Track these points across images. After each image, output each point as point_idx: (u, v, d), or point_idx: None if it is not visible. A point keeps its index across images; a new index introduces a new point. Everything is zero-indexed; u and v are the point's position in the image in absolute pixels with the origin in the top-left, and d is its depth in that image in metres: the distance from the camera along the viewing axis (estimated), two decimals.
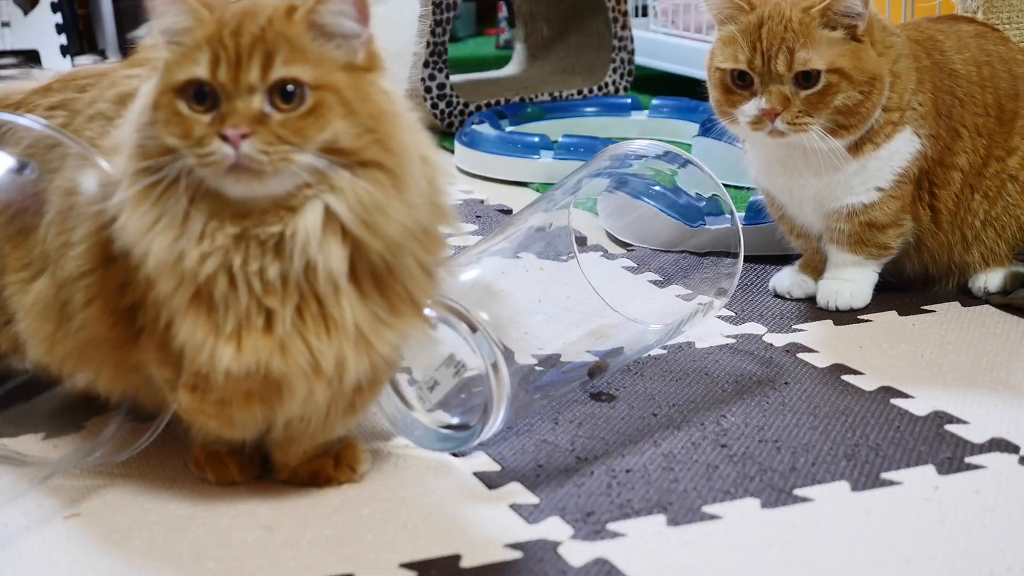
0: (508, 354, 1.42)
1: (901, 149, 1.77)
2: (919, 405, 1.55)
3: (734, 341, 1.76)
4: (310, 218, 1.17)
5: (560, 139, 2.61)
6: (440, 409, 1.47)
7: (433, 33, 2.87)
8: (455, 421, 1.48)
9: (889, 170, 1.77)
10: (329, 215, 1.18)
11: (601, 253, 2.10)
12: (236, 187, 1.16)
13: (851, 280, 1.84)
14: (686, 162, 1.71)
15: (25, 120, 1.34)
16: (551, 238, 1.63)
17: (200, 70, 1.15)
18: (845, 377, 1.64)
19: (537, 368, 1.50)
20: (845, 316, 1.83)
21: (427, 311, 1.42)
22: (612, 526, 1.30)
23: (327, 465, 1.38)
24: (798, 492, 1.35)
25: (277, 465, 1.39)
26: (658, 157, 1.72)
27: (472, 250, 1.57)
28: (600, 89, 3.14)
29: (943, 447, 1.45)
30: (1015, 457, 1.42)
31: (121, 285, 1.27)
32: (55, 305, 1.32)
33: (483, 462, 1.44)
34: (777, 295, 1.90)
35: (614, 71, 3.15)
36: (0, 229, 1.38)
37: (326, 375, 1.23)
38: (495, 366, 1.40)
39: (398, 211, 1.19)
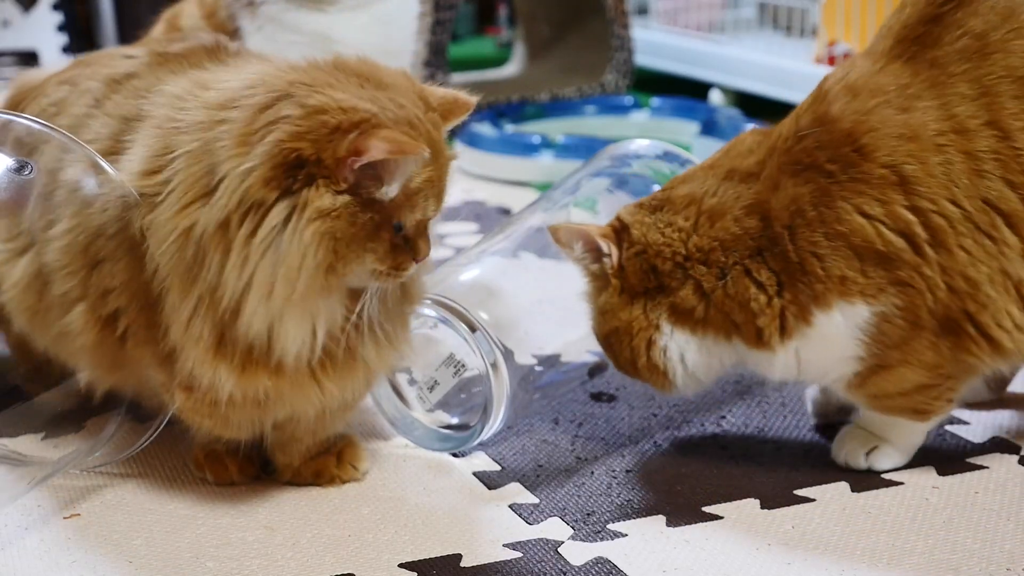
0: (508, 354, 1.42)
1: None
2: None
3: None
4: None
5: (560, 139, 2.61)
6: (440, 409, 1.47)
7: (433, 32, 2.87)
8: (455, 421, 1.48)
9: None
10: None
11: None
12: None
13: None
14: (686, 162, 1.71)
15: (25, 120, 1.34)
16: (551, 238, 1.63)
17: (430, 212, 1.26)
18: None
19: (537, 368, 1.50)
20: None
21: (427, 311, 1.42)
22: (612, 526, 1.30)
23: (330, 463, 1.39)
24: (798, 492, 1.35)
25: (280, 467, 1.39)
26: (658, 157, 1.72)
27: (472, 250, 1.57)
28: (600, 89, 3.14)
29: (943, 447, 1.45)
30: (1015, 457, 1.42)
31: (105, 292, 1.28)
32: (36, 283, 1.35)
33: (483, 462, 1.44)
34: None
35: (614, 71, 3.15)
36: None
37: (328, 398, 1.30)
38: (495, 366, 1.40)
39: None
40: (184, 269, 1.22)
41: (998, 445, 1.45)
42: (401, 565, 1.24)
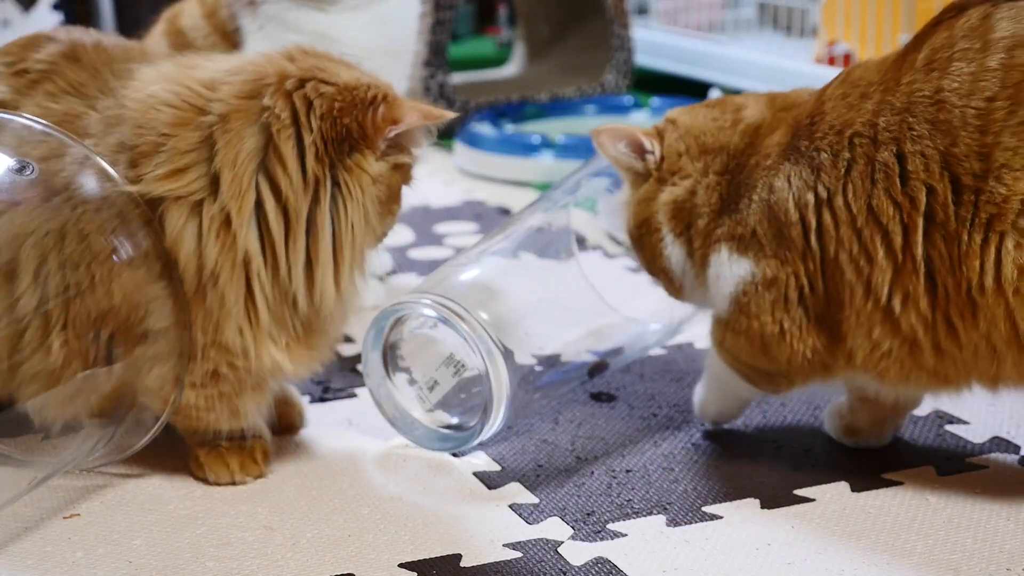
0: (508, 354, 1.42)
1: None
2: (920, 405, 1.55)
3: None
4: None
5: (560, 139, 2.61)
6: (440, 409, 1.47)
7: (433, 32, 2.87)
8: (455, 421, 1.48)
9: None
10: None
11: (601, 253, 2.10)
12: None
13: None
14: None
15: (24, 119, 1.34)
16: (551, 238, 1.63)
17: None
18: None
19: (537, 368, 1.50)
20: None
21: (427, 311, 1.42)
22: (612, 526, 1.30)
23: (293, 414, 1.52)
24: (798, 492, 1.35)
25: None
26: None
27: (472, 250, 1.57)
28: (600, 88, 3.14)
29: (943, 447, 1.45)
30: (1015, 457, 1.42)
31: (98, 315, 1.30)
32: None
33: (483, 462, 1.44)
34: None
35: (614, 71, 3.15)
36: None
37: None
38: (495, 366, 1.40)
39: None
40: (235, 260, 1.29)
41: (998, 445, 1.45)
42: (401, 565, 1.24)
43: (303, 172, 1.29)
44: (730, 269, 1.33)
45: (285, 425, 1.50)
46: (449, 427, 1.47)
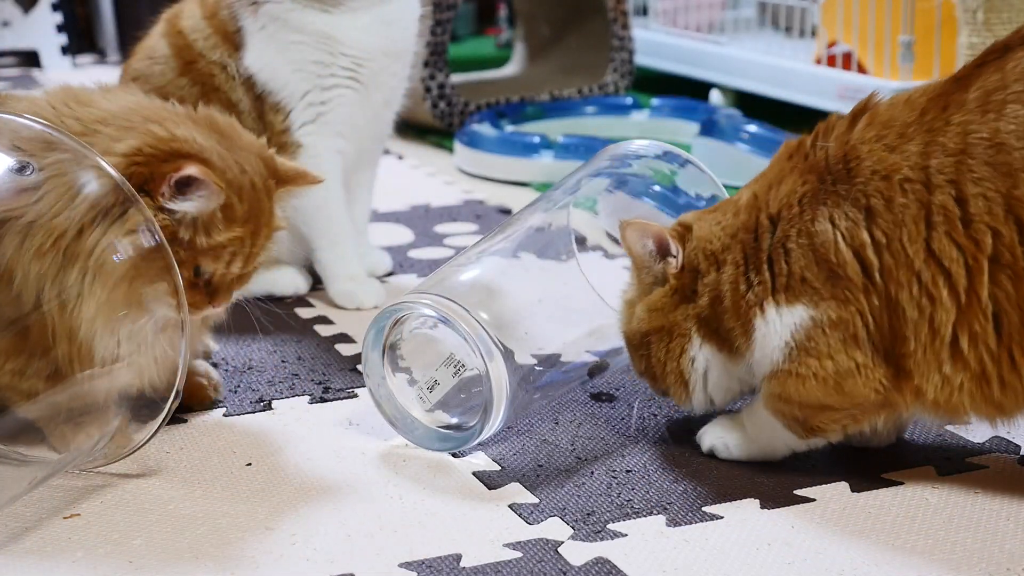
0: (508, 354, 1.42)
1: None
2: None
3: None
4: None
5: (560, 139, 2.61)
6: (440, 409, 1.47)
7: (433, 32, 2.87)
8: (455, 421, 1.48)
9: None
10: None
11: (601, 253, 2.10)
12: None
13: None
14: (686, 162, 1.71)
15: (25, 120, 1.34)
16: (551, 238, 1.63)
17: (234, 269, 1.44)
18: None
19: (537, 368, 1.50)
20: None
21: (427, 311, 1.42)
22: (612, 526, 1.30)
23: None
24: (798, 492, 1.35)
25: None
26: (657, 157, 1.72)
27: (471, 250, 1.57)
28: (600, 89, 3.14)
29: (943, 447, 1.45)
30: (1015, 457, 1.43)
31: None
32: None
33: (483, 462, 1.44)
34: None
35: (614, 71, 3.15)
36: None
37: None
38: (495, 366, 1.40)
39: None
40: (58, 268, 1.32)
41: (998, 445, 1.45)
42: (401, 565, 1.24)
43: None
44: (781, 321, 1.31)
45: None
46: (449, 427, 1.47)
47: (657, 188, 1.92)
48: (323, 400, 1.61)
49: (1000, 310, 1.24)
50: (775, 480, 1.38)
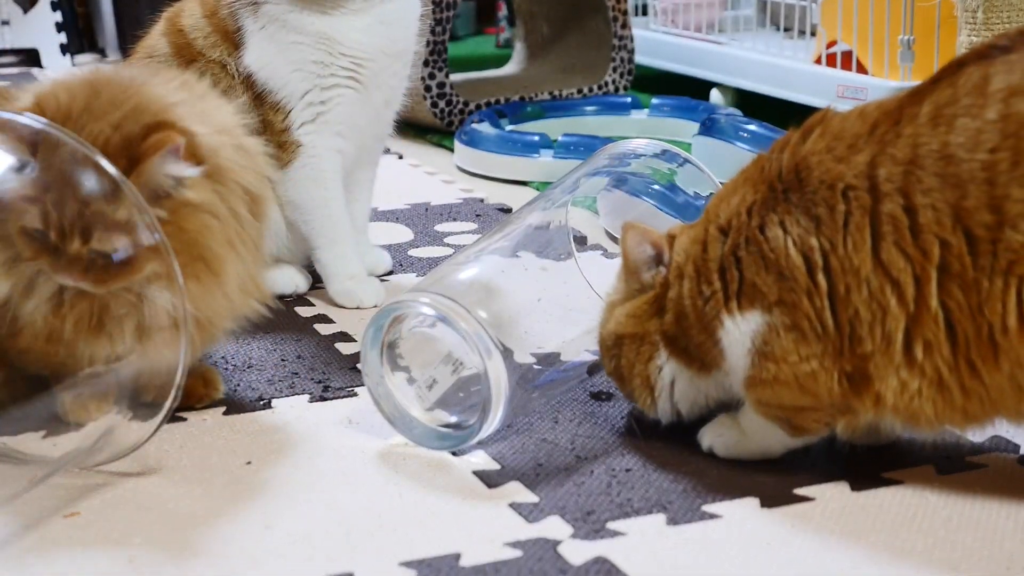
0: (507, 353, 1.42)
1: None
2: None
3: None
4: None
5: (560, 138, 2.61)
6: (439, 408, 1.47)
7: (433, 32, 2.87)
8: (454, 420, 1.48)
9: None
10: None
11: (601, 252, 2.10)
12: None
13: None
14: (684, 161, 1.71)
15: (25, 119, 1.34)
16: (550, 237, 1.63)
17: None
18: None
19: (536, 367, 1.50)
20: None
21: (426, 309, 1.42)
22: (612, 525, 1.30)
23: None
24: (798, 492, 1.35)
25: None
26: (656, 156, 1.72)
27: (471, 248, 1.57)
28: (600, 88, 3.14)
29: (943, 447, 1.45)
30: (1015, 457, 1.43)
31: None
32: None
33: (483, 461, 1.44)
34: None
35: (614, 70, 3.15)
36: None
37: None
38: (493, 365, 1.40)
39: None
40: None
41: (998, 444, 1.45)
42: (401, 564, 1.24)
43: None
44: (740, 329, 1.33)
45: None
46: (448, 426, 1.47)
47: (657, 187, 1.91)
48: (323, 399, 1.61)
49: (953, 319, 1.25)
50: (775, 479, 1.38)
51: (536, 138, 2.62)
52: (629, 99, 3.01)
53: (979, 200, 1.23)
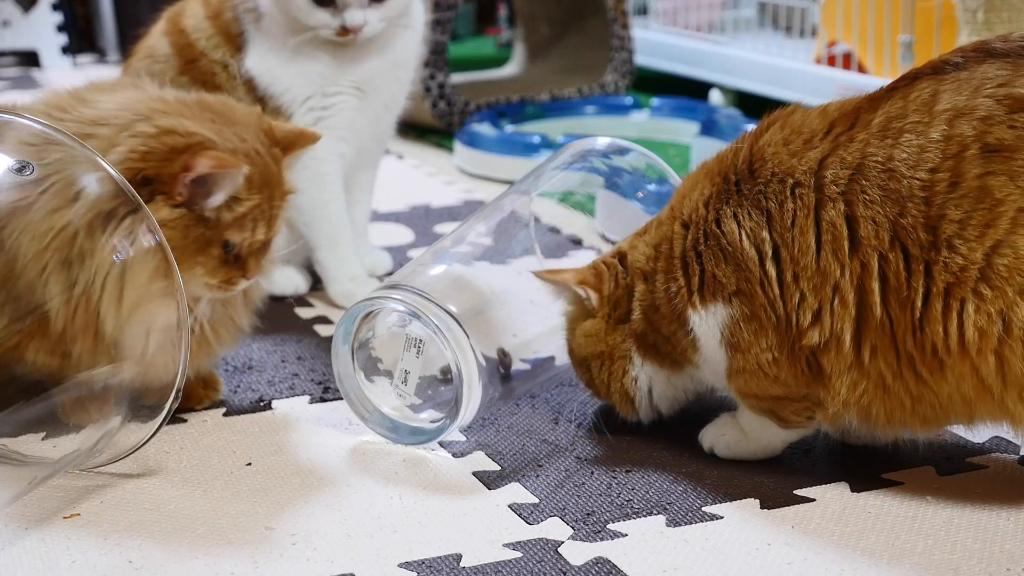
0: (478, 345, 1.42)
1: None
2: None
3: None
4: None
5: (560, 139, 2.61)
6: (412, 401, 1.48)
7: (433, 32, 2.87)
8: (425, 415, 1.48)
9: None
10: None
11: (595, 252, 2.10)
12: None
13: None
14: (628, 150, 1.72)
15: (25, 120, 1.34)
16: (518, 231, 1.64)
17: (259, 235, 1.48)
18: None
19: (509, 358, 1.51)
20: None
21: (395, 305, 1.43)
22: (612, 526, 1.30)
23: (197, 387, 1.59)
24: (798, 492, 1.36)
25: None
26: (616, 153, 1.73)
27: (440, 243, 1.58)
28: (600, 89, 3.14)
29: (943, 447, 1.45)
30: (1015, 457, 1.43)
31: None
32: None
33: (483, 462, 1.44)
34: None
35: (614, 71, 3.15)
36: None
37: None
38: (464, 358, 1.41)
39: None
40: (62, 263, 1.33)
41: (998, 445, 1.45)
42: (401, 565, 1.24)
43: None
44: (707, 322, 1.35)
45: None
46: (422, 421, 1.48)
47: (652, 186, 1.91)
48: (323, 400, 1.61)
49: (896, 332, 1.25)
50: (775, 480, 1.38)
51: (536, 139, 2.62)
52: (629, 100, 3.01)
53: (916, 219, 1.23)
